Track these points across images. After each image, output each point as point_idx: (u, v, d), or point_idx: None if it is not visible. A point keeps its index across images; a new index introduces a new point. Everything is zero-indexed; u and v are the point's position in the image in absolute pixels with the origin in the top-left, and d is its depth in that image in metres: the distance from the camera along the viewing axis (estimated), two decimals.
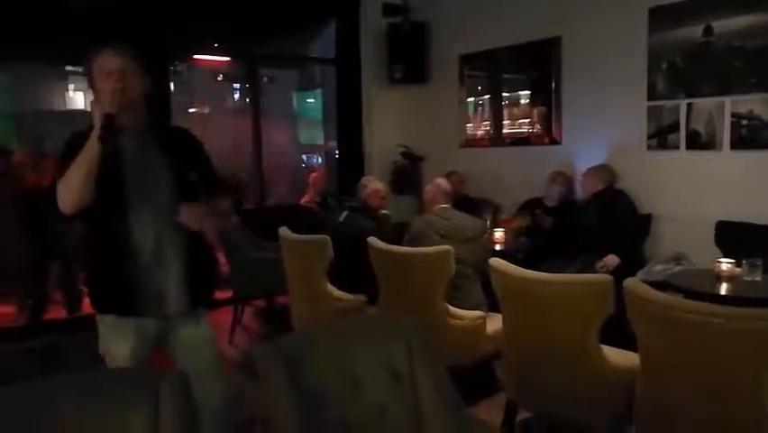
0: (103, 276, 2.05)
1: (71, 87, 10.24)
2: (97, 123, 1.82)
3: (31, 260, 4.99)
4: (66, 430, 1.34)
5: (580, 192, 4.57)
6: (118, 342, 2.02)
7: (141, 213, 1.97)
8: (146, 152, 2.02)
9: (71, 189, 1.82)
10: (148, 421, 1.38)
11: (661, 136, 4.22)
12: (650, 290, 2.12)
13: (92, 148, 1.82)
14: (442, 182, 3.65)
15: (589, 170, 4.34)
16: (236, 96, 11.46)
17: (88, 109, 2.16)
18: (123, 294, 1.99)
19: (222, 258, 4.68)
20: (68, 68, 9.71)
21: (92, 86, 1.98)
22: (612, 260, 3.88)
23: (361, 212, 3.84)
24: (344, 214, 3.83)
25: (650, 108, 4.25)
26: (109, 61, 1.94)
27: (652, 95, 4.23)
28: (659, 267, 3.66)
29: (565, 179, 4.61)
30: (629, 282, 2.18)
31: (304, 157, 10.53)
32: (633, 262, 3.90)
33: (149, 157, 2.02)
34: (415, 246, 3.30)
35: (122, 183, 1.94)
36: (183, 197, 2.02)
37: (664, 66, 4.14)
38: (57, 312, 5.10)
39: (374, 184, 3.97)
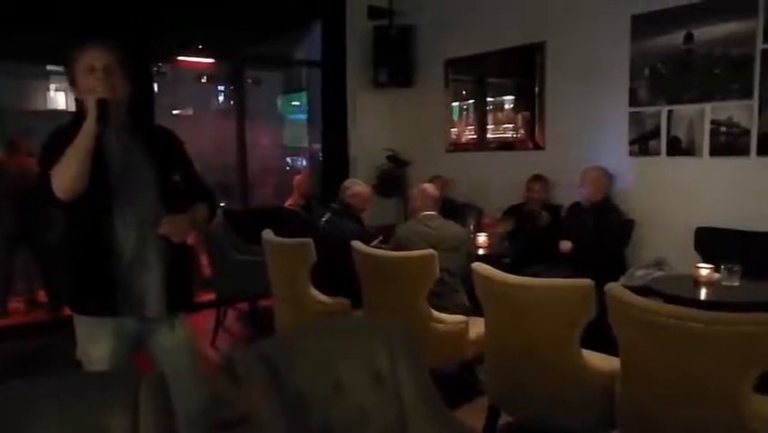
0: (83, 275, 2.02)
1: (53, 86, 10.12)
2: (92, 108, 1.81)
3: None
4: (46, 431, 1.32)
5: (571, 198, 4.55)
6: (96, 343, 1.99)
7: (125, 213, 1.95)
8: (131, 151, 2.00)
9: (69, 173, 1.79)
10: (127, 422, 1.37)
11: (642, 142, 4.27)
12: (631, 295, 2.14)
13: (88, 131, 1.80)
14: (429, 188, 3.63)
15: (589, 175, 4.27)
16: (221, 97, 11.40)
17: (70, 109, 2.15)
18: (103, 294, 1.97)
19: (205, 260, 4.64)
20: (50, 67, 9.61)
21: (73, 83, 1.97)
22: (566, 245, 4.05)
23: (344, 214, 3.81)
24: (327, 216, 3.82)
25: (632, 114, 4.30)
26: (93, 58, 1.93)
27: (633, 101, 4.28)
28: (640, 272, 3.70)
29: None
30: (611, 287, 2.19)
31: (288, 160, 10.49)
32: (614, 267, 3.93)
33: (133, 156, 2.00)
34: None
35: (107, 182, 1.92)
36: (166, 198, 2.01)
37: (646, 72, 4.19)
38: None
39: (357, 186, 3.92)
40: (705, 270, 3.02)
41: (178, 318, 2.12)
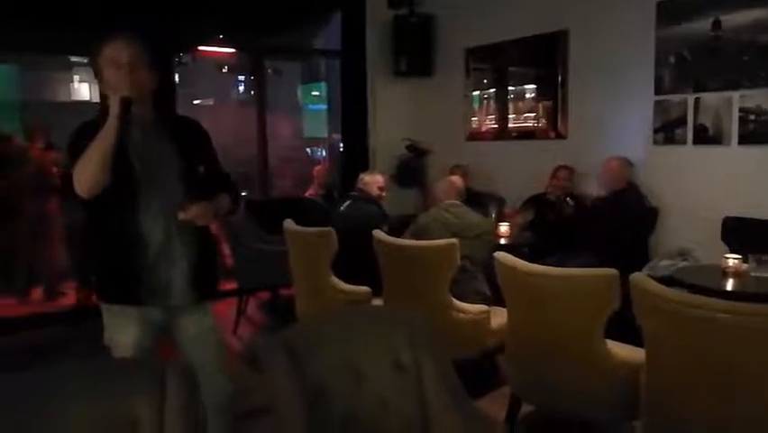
0: (110, 266, 2.04)
1: (76, 77, 10.25)
2: (114, 106, 1.82)
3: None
4: (74, 416, 1.35)
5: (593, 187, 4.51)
6: (123, 331, 2.02)
7: (150, 204, 1.97)
8: (155, 142, 2.01)
9: (90, 169, 1.81)
10: (154, 409, 1.38)
11: (668, 131, 4.19)
12: (656, 284, 2.10)
13: (110, 128, 1.81)
14: (457, 180, 3.71)
15: (607, 165, 4.25)
16: (241, 88, 11.46)
17: (94, 100, 2.17)
18: (130, 284, 1.99)
19: (226, 250, 4.69)
20: (74, 58, 9.72)
21: (98, 76, 1.98)
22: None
23: (363, 200, 3.87)
24: (347, 203, 3.87)
25: (657, 103, 4.23)
26: (118, 52, 1.93)
27: (659, 89, 4.20)
28: (665, 262, 3.64)
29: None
30: (635, 277, 2.16)
31: (308, 150, 10.53)
32: (639, 256, 3.88)
33: (158, 148, 2.01)
34: (419, 240, 3.30)
35: (132, 173, 1.94)
36: (191, 189, 2.02)
37: (672, 60, 4.11)
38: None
39: (370, 176, 4.07)
40: (733, 260, 2.97)
41: (203, 307, 2.15)
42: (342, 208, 3.87)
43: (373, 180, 4.02)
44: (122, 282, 2.01)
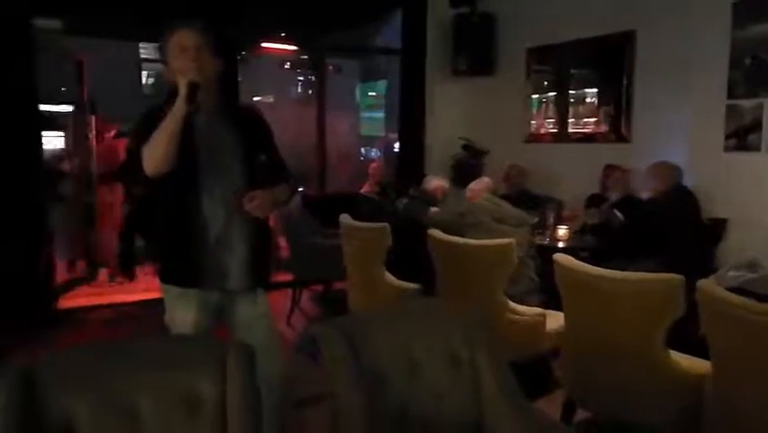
0: (171, 250, 2.11)
1: (144, 73, 10.64)
2: (182, 89, 1.87)
3: None
4: (145, 385, 1.40)
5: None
6: (183, 312, 2.08)
7: (212, 191, 2.03)
8: (219, 129, 2.07)
9: (158, 152, 1.87)
10: (216, 387, 1.42)
11: (740, 137, 4.01)
12: (724, 291, 2.02)
13: (178, 110, 1.87)
14: (487, 179, 3.98)
15: (652, 170, 4.08)
16: (300, 85, 11.64)
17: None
18: (191, 266, 2.05)
19: (283, 242, 4.77)
20: (143, 55, 10.10)
21: (166, 62, 2.04)
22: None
23: (421, 200, 3.90)
24: (405, 201, 3.89)
25: (729, 107, 4.05)
26: (184, 38, 1.99)
27: (732, 93, 4.02)
28: (732, 273, 3.48)
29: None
30: (703, 283, 2.08)
31: (362, 150, 10.61)
32: (702, 267, 3.72)
33: (222, 134, 2.06)
34: (462, 223, 3.39)
35: (195, 161, 1.99)
36: (252, 177, 2.06)
37: (747, 62, 3.93)
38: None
39: (435, 179, 4.26)
40: None
41: (257, 293, 2.19)
42: (400, 205, 3.90)
43: (437, 184, 4.16)
44: (184, 265, 2.07)
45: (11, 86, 4.25)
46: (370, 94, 10.57)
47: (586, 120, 5.15)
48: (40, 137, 4.62)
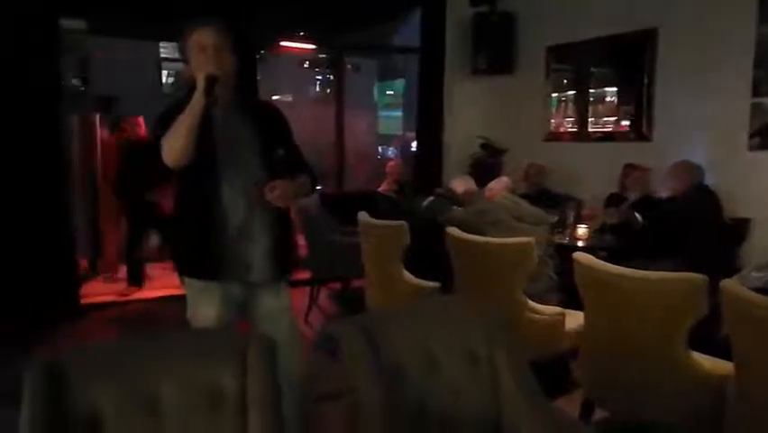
0: (193, 243, 2.13)
1: (164, 72, 10.76)
2: (200, 83, 1.91)
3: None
4: (168, 379, 1.42)
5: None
6: (205, 306, 2.10)
7: (232, 183, 2.05)
8: (237, 123, 2.10)
9: (178, 143, 1.91)
10: (237, 379, 1.44)
11: (764, 135, 3.95)
12: (748, 291, 1.99)
13: (196, 103, 1.90)
14: (506, 178, 3.94)
15: (672, 170, 4.04)
16: (318, 85, 11.68)
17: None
18: (211, 260, 2.07)
19: (301, 240, 4.80)
20: (163, 54, 10.21)
21: (186, 59, 2.07)
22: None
23: (448, 199, 3.96)
24: (430, 199, 3.90)
25: (754, 105, 3.99)
26: (203, 36, 2.02)
27: (757, 90, 3.96)
28: (755, 273, 3.43)
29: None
30: (726, 283, 2.05)
31: (380, 149, 10.62)
32: (725, 268, 3.67)
33: (239, 128, 2.09)
34: (481, 222, 3.37)
35: (214, 154, 2.02)
36: (271, 170, 2.08)
37: None
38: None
39: (462, 180, 4.26)
40: None
41: (280, 286, 2.21)
42: (424, 204, 3.91)
43: (467, 186, 4.14)
44: (205, 258, 2.09)
45: (36, 86, 4.31)
46: (388, 93, 10.57)
47: (606, 119, 5.10)
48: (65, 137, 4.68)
